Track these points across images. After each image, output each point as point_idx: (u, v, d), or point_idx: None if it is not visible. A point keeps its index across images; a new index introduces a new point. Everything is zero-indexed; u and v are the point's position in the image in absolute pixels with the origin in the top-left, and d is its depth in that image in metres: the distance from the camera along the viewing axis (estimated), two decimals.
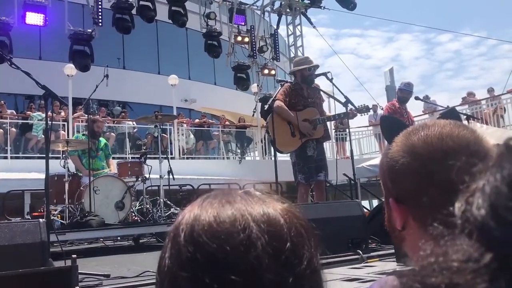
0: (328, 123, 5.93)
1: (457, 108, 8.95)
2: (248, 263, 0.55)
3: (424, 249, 0.46)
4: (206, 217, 0.59)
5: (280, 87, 5.67)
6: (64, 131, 11.84)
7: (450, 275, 0.41)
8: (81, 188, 6.50)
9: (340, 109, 5.58)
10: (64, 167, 6.39)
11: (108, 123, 13.45)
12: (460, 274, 0.40)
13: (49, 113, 4.30)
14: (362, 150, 16.26)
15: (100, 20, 10.51)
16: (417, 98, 7.65)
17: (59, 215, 6.41)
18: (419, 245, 0.88)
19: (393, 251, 3.71)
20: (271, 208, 0.61)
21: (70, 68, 11.27)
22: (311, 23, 14.90)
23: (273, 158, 5.99)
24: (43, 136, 11.00)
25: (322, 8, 14.54)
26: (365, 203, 9.51)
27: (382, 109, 7.89)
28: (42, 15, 9.76)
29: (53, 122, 12.00)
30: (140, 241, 7.09)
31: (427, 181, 0.84)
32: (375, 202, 10.54)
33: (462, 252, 0.41)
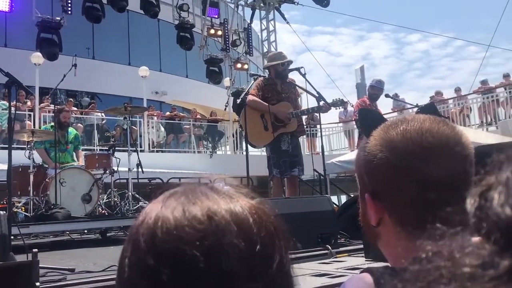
0: (303, 117, 5.92)
1: (421, 106, 9.09)
2: (216, 270, 0.51)
3: (426, 250, 0.40)
4: (168, 220, 0.54)
5: (253, 81, 5.65)
6: (30, 121, 11.52)
7: (463, 282, 0.35)
8: (47, 180, 6.33)
9: (314, 104, 5.58)
10: (29, 158, 6.21)
11: (75, 114, 13.17)
12: (476, 281, 0.34)
13: (13, 102, 4.15)
14: (331, 146, 16.41)
15: (69, 8, 10.26)
16: (387, 95, 7.74)
17: (23, 207, 6.23)
18: (394, 242, 0.87)
19: (362, 246, 3.74)
20: (239, 206, 0.56)
21: (37, 57, 10.94)
22: (284, 18, 14.93)
23: (244, 153, 5.97)
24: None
25: (296, 3, 14.58)
26: (334, 198, 9.60)
27: (352, 106, 7.95)
28: (8, 0, 9.44)
29: (18, 112, 11.66)
30: (108, 234, 6.95)
31: (405, 177, 0.83)
32: (344, 198, 10.66)
33: (476, 255, 0.36)
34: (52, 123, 7.37)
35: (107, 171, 6.73)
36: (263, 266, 0.54)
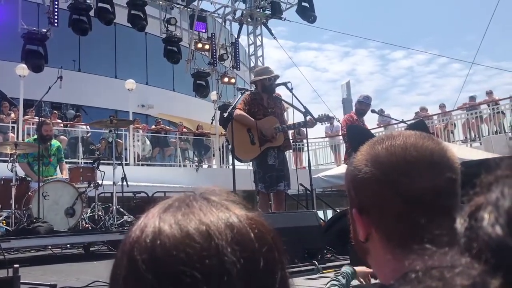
0: (289, 132, 5.94)
1: (410, 123, 9.20)
2: None
3: (415, 269, 0.40)
4: (167, 239, 0.51)
5: (240, 95, 5.66)
6: (14, 133, 11.37)
7: None
8: (30, 193, 6.24)
9: (300, 119, 5.60)
10: (12, 171, 6.11)
11: (60, 127, 13.05)
12: None
13: None
14: (318, 161, 16.46)
15: (56, 20, 10.22)
16: (373, 111, 7.80)
17: (4, 221, 6.10)
18: (382, 258, 0.87)
19: (348, 261, 3.73)
20: (238, 220, 0.54)
21: (22, 68, 10.84)
22: (271, 33, 15.04)
23: (230, 167, 5.95)
24: None
25: (283, 19, 14.71)
26: (320, 213, 9.59)
27: (338, 121, 7.99)
28: None
29: (2, 124, 11.53)
30: (91, 249, 6.85)
31: (390, 191, 0.83)
32: (330, 212, 10.66)
33: (466, 275, 0.35)
34: (35, 136, 7.27)
35: (92, 185, 6.65)
36: (266, 283, 0.52)
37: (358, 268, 2.10)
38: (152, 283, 0.49)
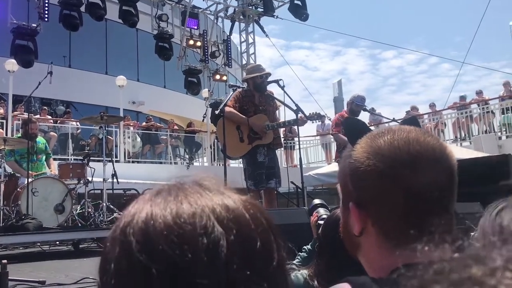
0: (280, 130, 5.92)
1: (403, 119, 9.21)
2: (217, 270, 0.48)
3: (421, 262, 0.38)
4: (162, 218, 0.51)
5: (232, 92, 5.63)
6: (2, 129, 11.25)
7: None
8: (18, 189, 6.18)
9: (291, 117, 5.58)
10: (0, 167, 6.05)
11: (49, 123, 12.95)
12: None
13: None
14: (309, 159, 16.48)
15: (46, 15, 10.12)
16: (364, 109, 7.80)
17: None
18: (376, 252, 0.86)
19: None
20: (232, 202, 0.54)
21: (11, 64, 10.71)
22: (263, 31, 15.02)
23: (221, 164, 5.94)
24: None
25: (275, 17, 14.68)
26: None
27: (330, 119, 7.99)
28: None
29: None
30: (80, 246, 6.81)
31: (392, 184, 0.82)
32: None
33: (483, 265, 0.33)
34: (19, 134, 7.18)
35: (81, 181, 6.61)
36: (264, 264, 0.52)
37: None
38: (145, 264, 0.48)
